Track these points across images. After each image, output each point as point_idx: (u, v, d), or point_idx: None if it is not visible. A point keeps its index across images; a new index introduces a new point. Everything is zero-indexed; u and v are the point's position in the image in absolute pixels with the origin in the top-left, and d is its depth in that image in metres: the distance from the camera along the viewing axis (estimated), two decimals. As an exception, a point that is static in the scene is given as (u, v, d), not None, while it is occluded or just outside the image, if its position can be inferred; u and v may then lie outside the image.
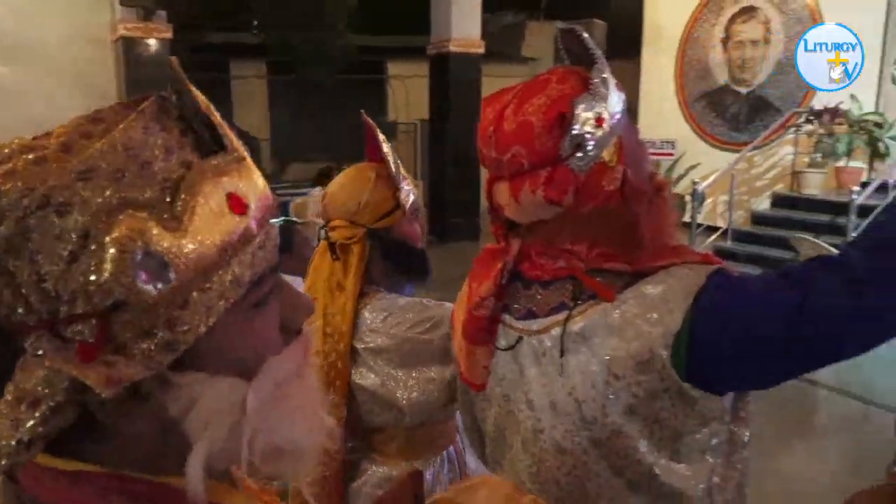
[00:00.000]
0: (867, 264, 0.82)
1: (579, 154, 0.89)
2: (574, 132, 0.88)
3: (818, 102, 7.40)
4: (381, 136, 1.48)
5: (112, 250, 0.43)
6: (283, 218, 3.22)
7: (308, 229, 7.56)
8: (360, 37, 11.58)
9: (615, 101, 0.92)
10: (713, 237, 7.25)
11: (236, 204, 0.48)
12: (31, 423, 0.45)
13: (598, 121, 0.90)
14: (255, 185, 0.51)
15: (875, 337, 0.85)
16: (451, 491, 0.80)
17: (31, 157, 0.45)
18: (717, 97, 8.85)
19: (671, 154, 9.13)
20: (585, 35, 0.94)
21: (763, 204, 7.84)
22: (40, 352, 0.45)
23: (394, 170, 1.45)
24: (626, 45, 10.71)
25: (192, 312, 0.47)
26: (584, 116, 0.89)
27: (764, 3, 8.26)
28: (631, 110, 1.00)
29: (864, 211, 6.01)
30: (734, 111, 8.55)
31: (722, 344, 0.87)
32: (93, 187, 0.44)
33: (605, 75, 0.92)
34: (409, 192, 1.48)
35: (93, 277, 0.44)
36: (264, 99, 12.69)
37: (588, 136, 0.89)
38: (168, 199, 0.46)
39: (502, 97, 0.96)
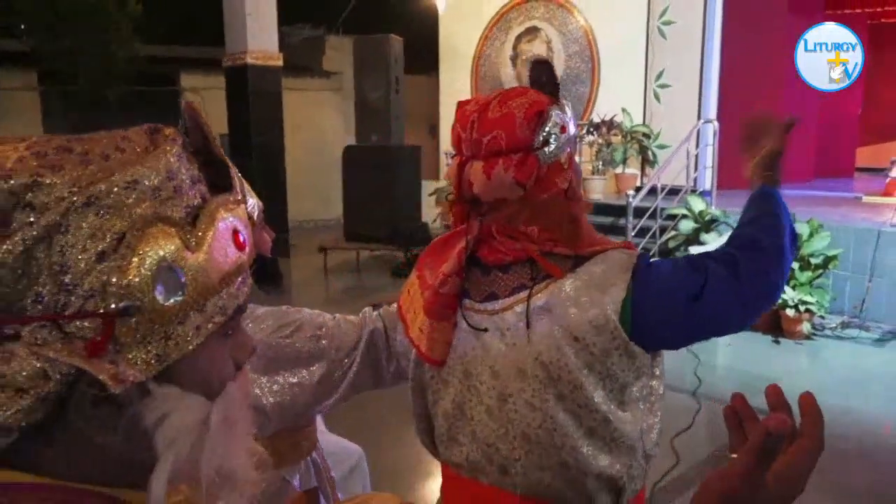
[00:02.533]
0: (742, 258, 1.14)
1: (546, 148, 1.13)
2: (546, 129, 1.13)
3: (596, 115, 8.18)
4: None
5: (142, 258, 0.47)
6: None
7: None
8: (149, 46, 10.83)
9: (571, 123, 1.18)
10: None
11: (239, 240, 0.54)
12: (16, 409, 0.45)
13: (563, 128, 1.15)
14: (248, 227, 0.56)
15: (749, 308, 1.15)
16: None
17: (75, 156, 0.48)
18: (509, 111, 9.44)
19: (472, 165, 9.58)
20: (554, 67, 1.19)
21: (555, 209, 8.46)
22: (39, 342, 0.45)
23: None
24: (423, 61, 11.07)
25: (187, 329, 0.50)
26: (555, 120, 1.14)
27: (545, 24, 8.97)
28: (433, 125, 1.16)
29: (639, 212, 6.73)
30: (525, 124, 9.16)
31: (654, 310, 1.10)
32: (136, 198, 0.48)
33: (567, 100, 1.18)
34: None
35: (115, 279, 0.46)
36: (37, 113, 11.39)
37: (554, 136, 1.14)
38: (190, 223, 0.51)
39: (481, 98, 1.19)
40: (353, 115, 9.40)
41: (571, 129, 1.17)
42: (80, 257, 0.46)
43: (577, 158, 1.21)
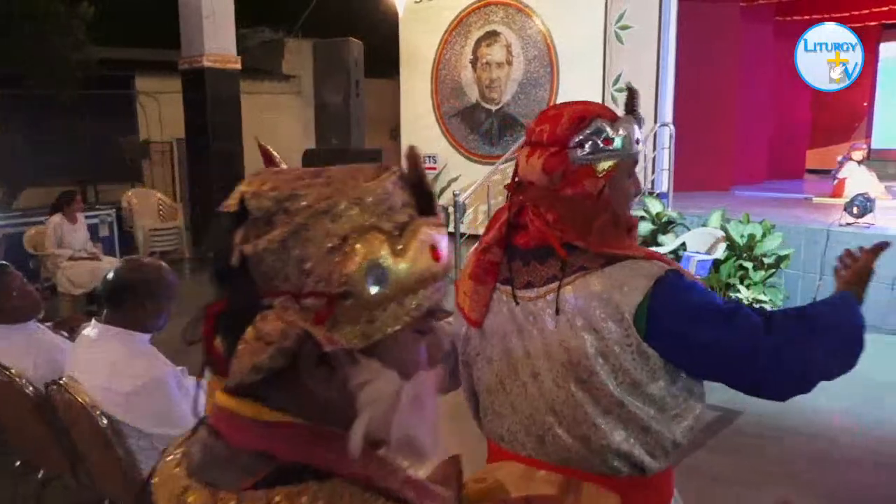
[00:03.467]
0: (782, 320, 1.24)
1: (579, 151, 1.28)
2: (583, 134, 1.28)
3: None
4: (279, 160, 1.50)
5: (359, 255, 0.62)
6: None
7: (50, 262, 6.65)
8: (103, 49, 10.57)
9: (627, 145, 1.31)
10: (475, 245, 7.71)
11: (435, 253, 0.67)
12: (265, 355, 0.61)
13: (606, 141, 1.29)
14: (446, 245, 0.70)
15: (759, 365, 1.20)
16: (476, 473, 1.00)
17: (321, 179, 0.66)
18: (470, 114, 9.49)
19: (434, 168, 9.59)
20: (637, 95, 1.38)
21: (517, 212, 8.51)
22: (284, 310, 0.62)
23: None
24: (385, 65, 11.04)
25: (387, 317, 0.64)
26: (597, 129, 1.28)
27: (504, 29, 9.03)
28: (394, 128, 1.23)
29: (598, 214, 6.80)
30: (487, 127, 9.22)
31: (668, 320, 1.22)
32: (359, 211, 0.64)
33: (632, 125, 1.32)
34: None
35: (339, 269, 0.62)
36: (-16, 116, 11.04)
37: (591, 143, 1.28)
38: (397, 234, 0.65)
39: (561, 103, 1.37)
40: (313, 119, 9.33)
41: (622, 148, 1.29)
42: (316, 251, 0.62)
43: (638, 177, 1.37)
